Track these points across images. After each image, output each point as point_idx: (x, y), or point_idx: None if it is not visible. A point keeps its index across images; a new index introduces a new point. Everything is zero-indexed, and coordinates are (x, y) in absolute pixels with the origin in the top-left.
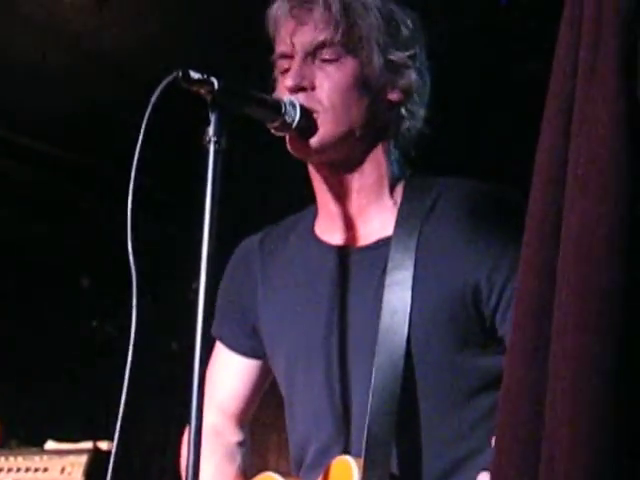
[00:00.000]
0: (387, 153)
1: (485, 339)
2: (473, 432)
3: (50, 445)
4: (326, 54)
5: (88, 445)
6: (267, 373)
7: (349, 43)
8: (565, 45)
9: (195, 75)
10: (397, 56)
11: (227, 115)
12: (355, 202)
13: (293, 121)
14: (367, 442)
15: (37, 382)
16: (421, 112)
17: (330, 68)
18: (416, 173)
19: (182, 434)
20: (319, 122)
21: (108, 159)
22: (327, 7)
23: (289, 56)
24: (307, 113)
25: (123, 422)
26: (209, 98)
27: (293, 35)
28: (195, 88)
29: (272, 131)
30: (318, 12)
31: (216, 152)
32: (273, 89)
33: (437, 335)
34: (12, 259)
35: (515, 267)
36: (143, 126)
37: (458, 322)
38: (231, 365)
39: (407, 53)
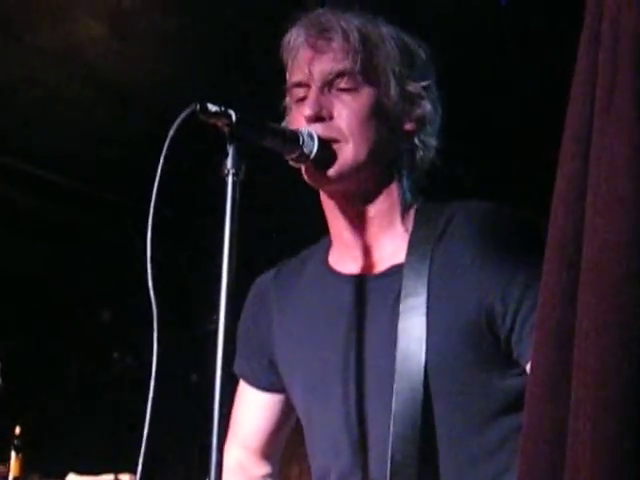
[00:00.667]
0: (400, 181)
1: (502, 361)
2: (496, 454)
3: (71, 478)
4: (344, 83)
5: (109, 478)
6: (290, 407)
7: (367, 73)
8: (583, 73)
9: (213, 107)
10: (413, 87)
11: (245, 147)
12: (368, 230)
13: (311, 152)
14: (391, 470)
15: (58, 415)
16: (433, 142)
17: (348, 97)
18: (427, 200)
19: (202, 463)
20: (338, 152)
21: (127, 192)
22: (346, 37)
23: (305, 85)
24: (325, 144)
25: (145, 455)
26: (227, 130)
27: (311, 64)
28: (213, 120)
29: (290, 162)
30: (337, 42)
31: (234, 184)
32: (283, 117)
33: (454, 359)
34: (32, 293)
35: (528, 285)
36: (162, 158)
37: (474, 345)
38: (253, 401)
39: (422, 84)
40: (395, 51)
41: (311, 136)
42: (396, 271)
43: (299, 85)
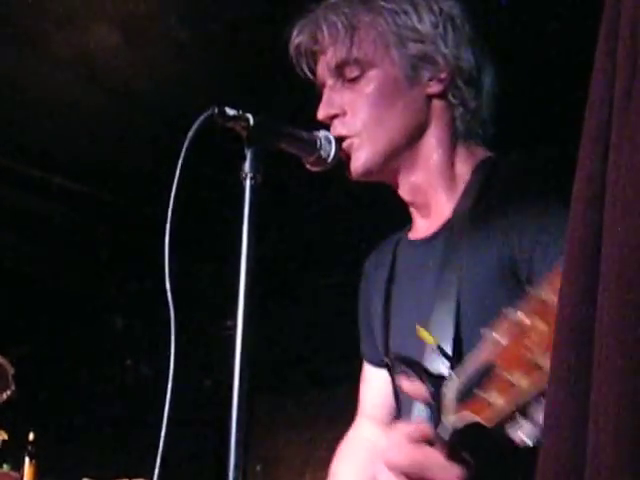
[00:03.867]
0: (447, 143)
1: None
2: None
3: None
4: (349, 72)
5: None
6: None
7: (366, 55)
8: (601, 71)
9: (231, 112)
10: (418, 49)
11: (263, 151)
12: (428, 196)
13: (328, 156)
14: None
15: (72, 421)
16: (471, 92)
17: (356, 87)
18: (492, 153)
19: (218, 468)
20: (355, 147)
21: (142, 197)
22: (331, 30)
23: (323, 85)
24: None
25: (160, 462)
26: (245, 134)
27: (315, 69)
28: (231, 124)
29: (308, 166)
30: (326, 38)
31: (252, 187)
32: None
33: (485, 296)
34: (46, 299)
35: (541, 227)
36: (180, 163)
37: (502, 287)
38: (372, 377)
39: (430, 41)
40: (389, 19)
41: (329, 140)
42: (443, 229)
43: (322, 87)
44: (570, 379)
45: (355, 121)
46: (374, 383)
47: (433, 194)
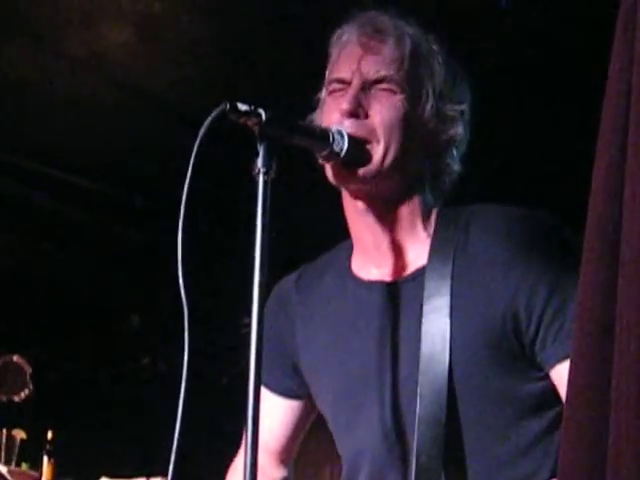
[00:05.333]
0: (423, 190)
1: (525, 365)
2: (523, 458)
3: None
4: (384, 86)
5: None
6: (308, 412)
7: (409, 83)
8: (619, 61)
9: (243, 107)
10: (449, 108)
11: (275, 146)
12: (390, 235)
13: (341, 150)
14: (416, 472)
15: (89, 420)
16: (456, 166)
17: (385, 99)
18: (448, 204)
19: (228, 466)
20: (371, 151)
21: (156, 196)
22: (398, 43)
23: (347, 82)
24: (355, 142)
25: (176, 457)
26: (257, 129)
27: (359, 62)
28: (243, 120)
29: (319, 161)
30: (388, 45)
31: (265, 183)
32: (316, 108)
33: (478, 362)
34: (62, 299)
35: (552, 290)
36: (192, 158)
37: (498, 349)
38: (272, 406)
39: (459, 107)
40: (441, 69)
41: (341, 134)
42: (419, 274)
43: (341, 81)
44: (592, 371)
45: (375, 127)
46: (272, 412)
47: (398, 237)
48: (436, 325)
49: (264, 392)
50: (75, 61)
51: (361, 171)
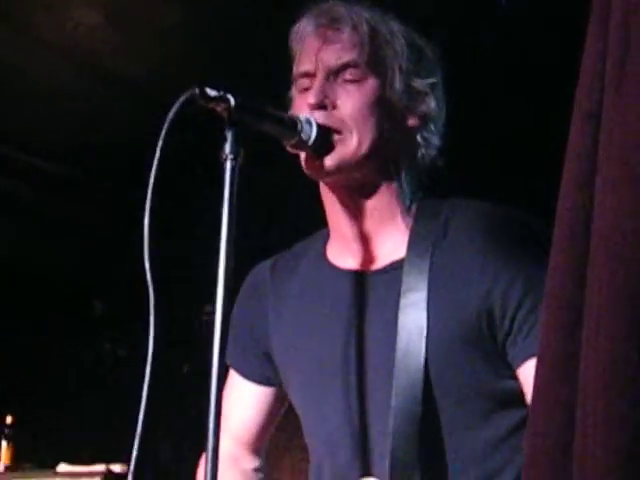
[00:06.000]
0: (400, 177)
1: (499, 362)
2: (494, 452)
3: (63, 468)
4: (349, 74)
5: (101, 468)
6: (281, 400)
7: (373, 65)
8: (592, 48)
9: (212, 92)
10: (418, 83)
11: (243, 132)
12: (368, 225)
13: (309, 139)
14: (391, 467)
15: (50, 405)
16: (435, 140)
17: (352, 88)
18: (428, 197)
19: (196, 455)
20: (338, 141)
21: (123, 179)
22: (355, 29)
23: (311, 75)
24: (324, 131)
25: (139, 443)
26: (225, 115)
27: (318, 53)
28: (212, 105)
29: (288, 148)
30: (346, 33)
31: (233, 169)
32: (288, 108)
33: (454, 358)
34: (24, 283)
35: (528, 289)
36: (160, 144)
37: (474, 344)
38: (245, 394)
39: (428, 81)
40: (403, 47)
41: (309, 122)
42: (397, 267)
43: (305, 75)
44: (559, 360)
45: (344, 117)
46: (244, 400)
47: (375, 228)
48: (413, 319)
49: (236, 379)
50: (46, 45)
51: (329, 162)
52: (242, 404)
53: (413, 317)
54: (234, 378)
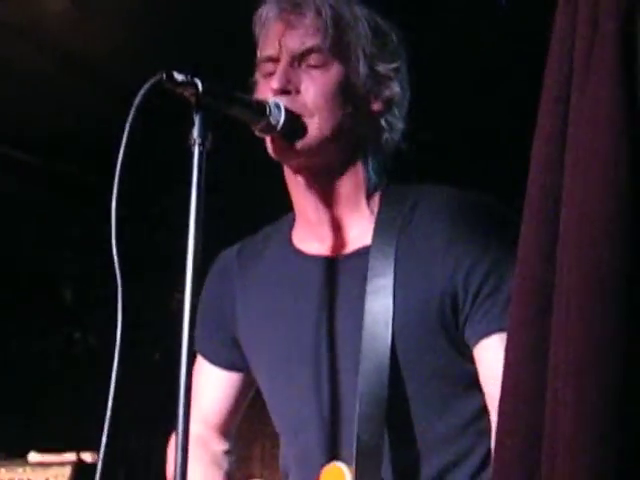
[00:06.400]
0: (365, 162)
1: (464, 346)
2: (460, 436)
3: (33, 457)
4: (313, 60)
5: (72, 457)
6: (249, 385)
7: (337, 50)
8: (561, 32)
9: (179, 77)
10: (382, 67)
11: (211, 116)
12: (333, 209)
13: (278, 123)
14: (357, 450)
15: (19, 394)
16: (400, 125)
17: (316, 73)
18: (393, 183)
19: (166, 443)
20: (306, 126)
21: (90, 165)
22: (318, 13)
23: (275, 59)
24: (292, 115)
25: (108, 432)
26: (193, 100)
27: (282, 38)
28: (179, 90)
29: (256, 133)
30: (309, 17)
31: (201, 154)
32: (252, 91)
33: (419, 341)
34: None
35: (490, 271)
36: (127, 129)
37: (438, 328)
38: (212, 378)
39: (392, 65)
40: (367, 31)
41: (278, 107)
42: (363, 253)
43: (269, 59)
44: (528, 341)
45: (307, 103)
46: (212, 385)
47: (341, 213)
48: (379, 305)
49: (204, 364)
50: (10, 29)
51: (299, 145)
52: (210, 388)
53: (379, 303)
54: (202, 363)
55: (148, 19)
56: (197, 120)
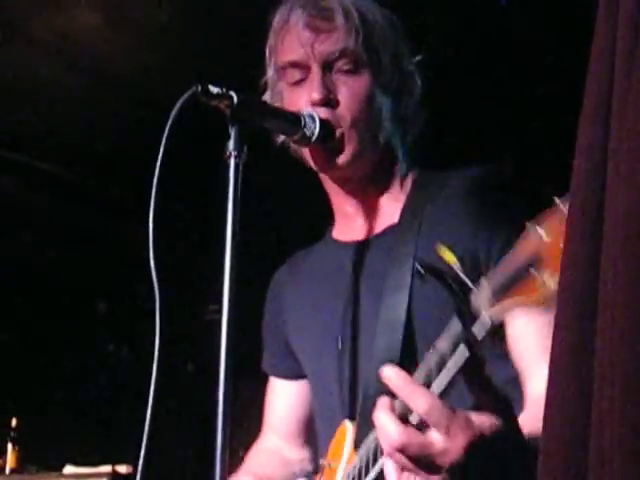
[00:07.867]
0: (396, 151)
1: None
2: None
3: (69, 469)
4: (345, 64)
5: (107, 469)
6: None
7: (367, 52)
8: (601, 39)
9: (214, 89)
10: (407, 64)
11: (247, 129)
12: (369, 200)
13: (312, 134)
14: (362, 403)
15: (55, 407)
16: (421, 111)
17: (349, 80)
18: (424, 170)
19: (199, 456)
20: (344, 139)
21: (125, 182)
22: (347, 16)
23: (302, 66)
24: (328, 126)
25: (147, 444)
26: (228, 112)
27: (312, 44)
28: (214, 102)
29: (291, 144)
30: (338, 21)
31: (236, 166)
32: (263, 93)
33: (435, 306)
34: (29, 285)
35: (508, 240)
36: (163, 142)
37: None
38: (279, 390)
39: (413, 60)
40: (389, 29)
41: (312, 118)
42: (390, 231)
43: (294, 65)
44: (573, 348)
45: (346, 115)
46: (280, 396)
47: (375, 200)
48: (400, 273)
49: (272, 381)
50: (44, 45)
51: (340, 160)
52: (278, 400)
53: (401, 271)
54: (271, 382)
55: (180, 35)
56: (233, 133)
